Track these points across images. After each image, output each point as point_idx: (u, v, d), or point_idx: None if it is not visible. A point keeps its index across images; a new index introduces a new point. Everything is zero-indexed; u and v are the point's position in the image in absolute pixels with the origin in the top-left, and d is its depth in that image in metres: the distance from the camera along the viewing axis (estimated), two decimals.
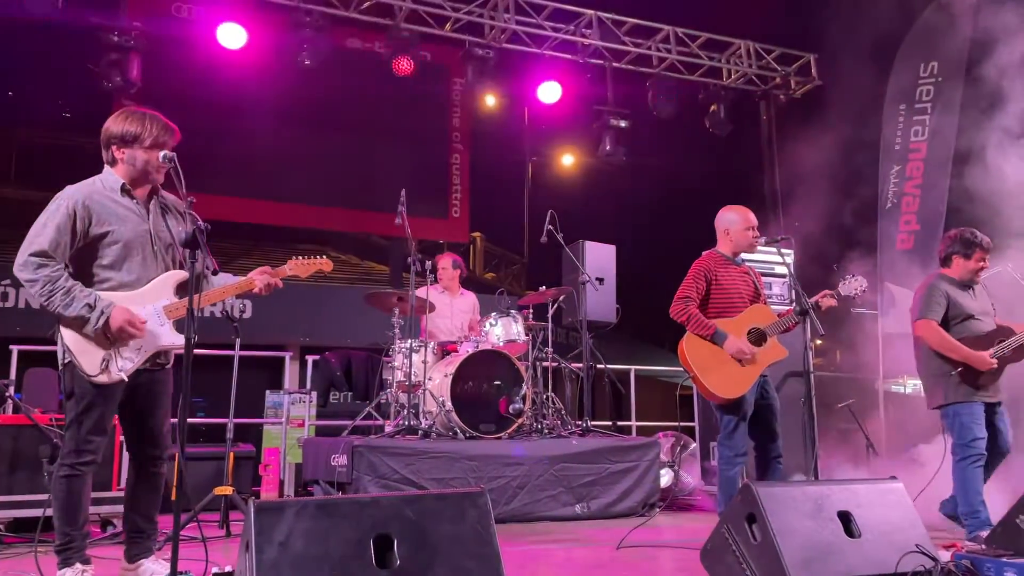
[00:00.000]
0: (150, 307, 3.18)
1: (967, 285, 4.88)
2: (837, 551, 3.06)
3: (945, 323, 4.79)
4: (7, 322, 8.19)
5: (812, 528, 3.07)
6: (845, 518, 3.16)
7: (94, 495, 4.66)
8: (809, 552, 3.00)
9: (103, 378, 3.07)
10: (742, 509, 3.14)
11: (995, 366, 4.66)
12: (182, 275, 3.29)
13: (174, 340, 3.23)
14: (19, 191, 12.90)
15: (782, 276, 6.96)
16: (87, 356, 3.08)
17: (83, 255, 3.18)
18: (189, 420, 8.16)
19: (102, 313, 3.06)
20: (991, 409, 4.77)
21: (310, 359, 8.01)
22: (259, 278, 3.41)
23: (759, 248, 4.91)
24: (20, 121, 14.04)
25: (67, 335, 3.09)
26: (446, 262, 7.09)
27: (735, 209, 4.79)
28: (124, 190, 3.26)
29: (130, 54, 8.38)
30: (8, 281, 7.97)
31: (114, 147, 3.27)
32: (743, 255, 4.86)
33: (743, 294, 4.67)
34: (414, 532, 2.49)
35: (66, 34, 8.69)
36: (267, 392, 8.57)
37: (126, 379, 3.11)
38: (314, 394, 7.67)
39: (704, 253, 4.91)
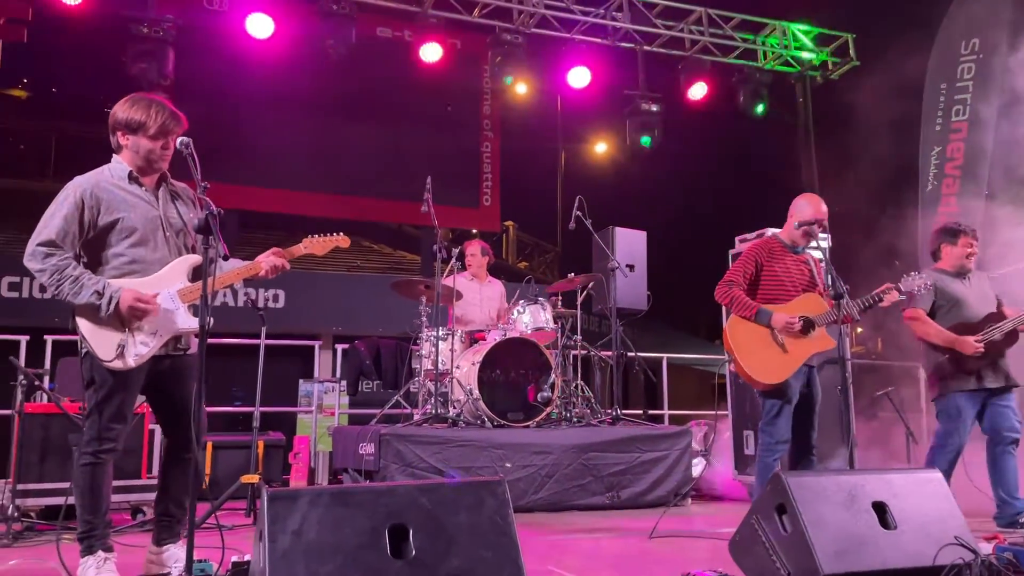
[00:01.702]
0: (164, 292, 3.16)
1: (961, 274, 4.99)
2: (871, 543, 2.94)
3: (935, 311, 4.93)
4: (44, 313, 8.33)
5: (845, 519, 2.95)
6: (880, 509, 3.03)
7: (124, 483, 4.74)
8: (842, 544, 2.89)
9: (118, 364, 3.06)
10: (772, 499, 3.03)
11: (980, 351, 4.73)
12: (195, 259, 3.26)
13: (190, 324, 3.20)
14: (58, 184, 13.12)
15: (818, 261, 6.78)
16: (102, 342, 3.07)
17: (96, 244, 3.17)
18: (226, 409, 8.24)
19: (111, 298, 3.05)
20: (992, 394, 4.82)
21: (340, 348, 8.02)
22: (265, 261, 3.36)
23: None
24: (59, 115, 14.32)
25: (82, 323, 3.09)
26: (474, 248, 7.02)
27: (811, 197, 4.65)
28: (132, 178, 3.24)
29: (161, 46, 8.43)
30: None
31: (119, 133, 3.25)
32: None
33: (796, 283, 4.49)
34: (430, 521, 2.43)
35: (100, 28, 8.77)
36: (300, 381, 8.62)
37: (133, 364, 3.09)
38: (344, 382, 7.68)
39: (761, 238, 4.77)
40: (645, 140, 10.09)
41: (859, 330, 4.66)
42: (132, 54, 8.44)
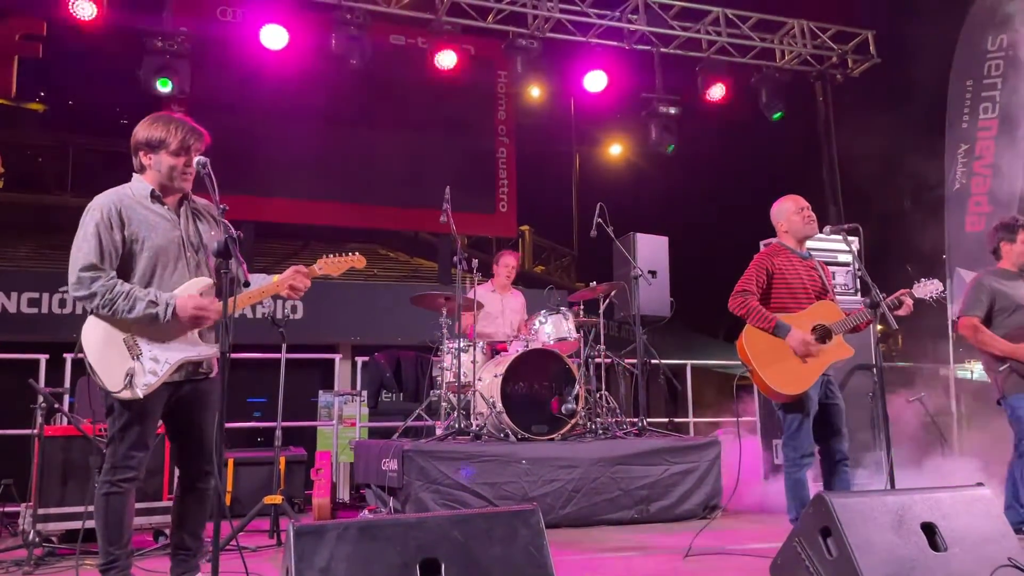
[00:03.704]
0: None
1: (1021, 274, 4.86)
2: (921, 567, 2.82)
3: (991, 317, 4.77)
4: (63, 328, 8.32)
5: (893, 542, 2.84)
6: (929, 530, 2.92)
7: (146, 505, 4.67)
8: (890, 568, 2.78)
9: (127, 394, 2.98)
10: (815, 521, 2.92)
11: None
12: (206, 283, 3.19)
13: (200, 350, 3.13)
14: (76, 198, 13.19)
15: (845, 265, 6.66)
16: (110, 372, 2.99)
17: (119, 265, 3.10)
18: (245, 424, 8.19)
19: (167, 305, 3.02)
20: None
21: (360, 360, 7.95)
22: (284, 282, 3.29)
23: (825, 236, 4.66)
24: (77, 129, 14.38)
25: (90, 354, 3.01)
26: (510, 259, 6.95)
27: (784, 199, 4.64)
28: (154, 196, 3.18)
29: (176, 59, 8.40)
30: (66, 288, 8.09)
31: (141, 153, 3.19)
32: (809, 246, 4.63)
33: (808, 289, 4.43)
34: (462, 555, 2.34)
35: (115, 41, 8.77)
36: (320, 392, 8.55)
37: (141, 395, 3.00)
38: (364, 393, 7.61)
39: (767, 245, 4.68)
40: (670, 148, 9.97)
41: (880, 327, 4.58)
42: (147, 67, 8.42)
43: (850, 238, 4.80)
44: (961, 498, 3.09)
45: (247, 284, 2.86)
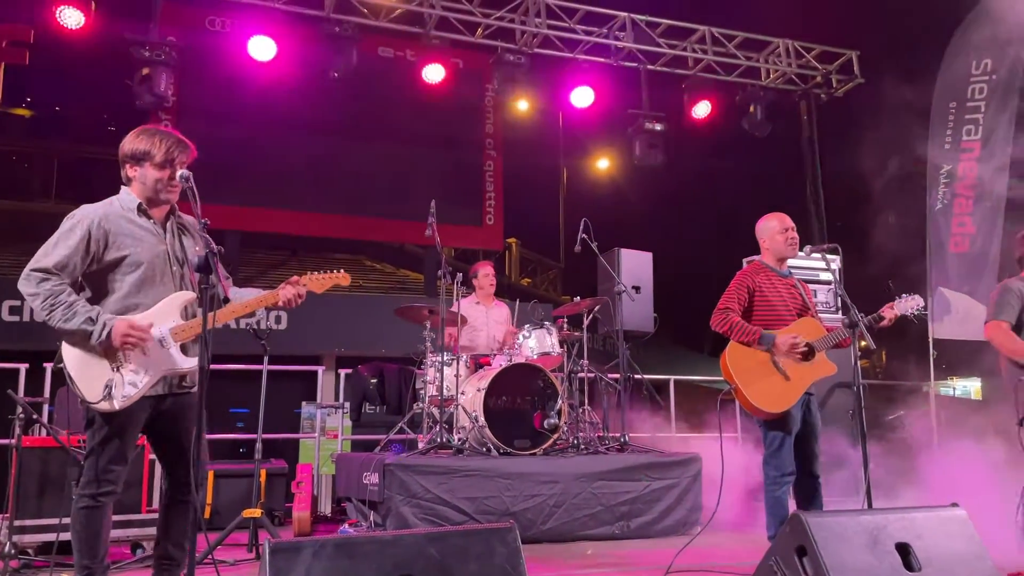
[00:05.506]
0: (156, 330, 3.07)
1: None
2: None
3: (1020, 325, 4.57)
4: (45, 337, 8.24)
5: (868, 562, 2.86)
6: (903, 550, 2.94)
7: (124, 517, 4.64)
8: None
9: (104, 405, 2.96)
10: (791, 540, 2.94)
11: None
12: (189, 297, 3.19)
13: (182, 364, 3.12)
14: (61, 205, 13.12)
15: (827, 283, 6.72)
16: (89, 383, 2.97)
17: (99, 277, 3.09)
18: (228, 436, 8.13)
19: (104, 325, 2.96)
20: None
21: (343, 372, 7.93)
22: (283, 292, 3.30)
23: (807, 256, 4.70)
24: (62, 136, 14.33)
25: (70, 362, 3.00)
26: (488, 269, 6.95)
27: (769, 216, 4.64)
28: (141, 210, 3.18)
29: (162, 69, 8.38)
30: None
31: (128, 166, 3.19)
32: (790, 264, 4.66)
33: (790, 306, 4.46)
34: (438, 572, 2.34)
35: (103, 50, 8.75)
36: (303, 403, 8.54)
37: (118, 407, 2.98)
38: (347, 405, 7.60)
39: (747, 264, 4.70)
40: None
41: (863, 343, 4.55)
42: (134, 77, 8.40)
43: (830, 257, 4.85)
44: (936, 518, 3.11)
45: (226, 300, 2.85)
